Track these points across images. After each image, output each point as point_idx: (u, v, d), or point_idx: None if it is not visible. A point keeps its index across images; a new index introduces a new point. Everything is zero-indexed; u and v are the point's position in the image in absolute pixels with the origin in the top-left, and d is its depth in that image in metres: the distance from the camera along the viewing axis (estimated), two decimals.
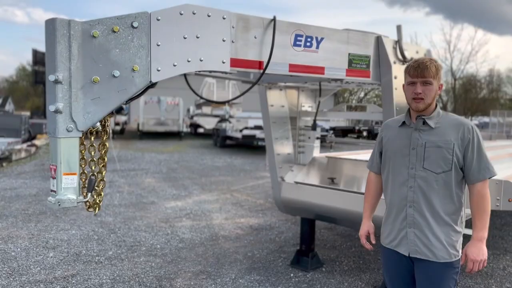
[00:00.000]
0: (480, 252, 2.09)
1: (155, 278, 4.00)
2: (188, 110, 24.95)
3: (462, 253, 2.17)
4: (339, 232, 5.58)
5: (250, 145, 17.66)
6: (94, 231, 5.42)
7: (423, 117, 2.13)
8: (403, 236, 2.19)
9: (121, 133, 22.88)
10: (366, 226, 2.43)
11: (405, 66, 3.27)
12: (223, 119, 20.65)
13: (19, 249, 4.66)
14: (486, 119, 29.37)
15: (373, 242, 2.43)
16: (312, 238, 4.32)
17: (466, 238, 2.21)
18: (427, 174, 2.11)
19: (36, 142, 15.26)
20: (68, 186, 2.01)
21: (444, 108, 36.85)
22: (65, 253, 4.60)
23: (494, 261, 4.67)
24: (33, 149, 13.36)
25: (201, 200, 7.49)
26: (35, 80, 33.65)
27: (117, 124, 21.87)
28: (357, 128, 17.02)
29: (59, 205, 1.97)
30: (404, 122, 2.21)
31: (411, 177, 2.15)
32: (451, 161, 2.07)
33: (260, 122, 20.74)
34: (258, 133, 15.57)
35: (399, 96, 3.27)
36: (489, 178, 2.12)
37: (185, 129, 23.06)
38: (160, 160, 13.12)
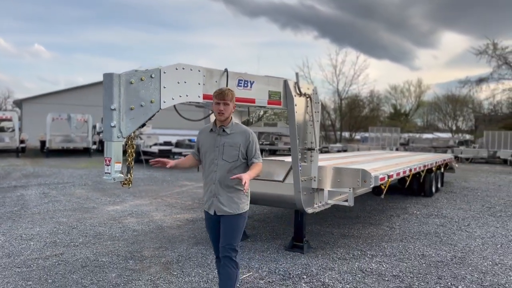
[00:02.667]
0: (246, 177, 3.11)
1: (127, 251, 5.31)
2: (94, 127, 25.07)
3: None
4: (256, 219, 7.32)
5: None
6: (57, 227, 6.45)
7: (222, 126, 3.37)
8: (211, 203, 3.39)
9: (22, 152, 22.21)
10: (172, 162, 3.47)
11: (301, 98, 5.16)
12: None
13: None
14: (367, 134, 34.10)
15: (170, 164, 3.44)
16: None
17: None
18: (224, 163, 3.32)
19: None
20: (117, 170, 3.44)
21: (332, 125, 41.43)
22: (42, 242, 5.64)
23: (362, 230, 6.78)
24: None
25: (137, 204, 8.70)
26: None
27: (22, 141, 21.29)
28: (259, 142, 19.35)
29: (114, 180, 3.40)
30: (212, 129, 3.46)
31: (215, 165, 3.36)
32: (238, 155, 3.32)
33: (169, 138, 21.99)
34: (173, 148, 16.81)
35: (299, 115, 5.12)
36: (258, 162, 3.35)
37: (93, 146, 23.28)
38: (80, 174, 13.74)
